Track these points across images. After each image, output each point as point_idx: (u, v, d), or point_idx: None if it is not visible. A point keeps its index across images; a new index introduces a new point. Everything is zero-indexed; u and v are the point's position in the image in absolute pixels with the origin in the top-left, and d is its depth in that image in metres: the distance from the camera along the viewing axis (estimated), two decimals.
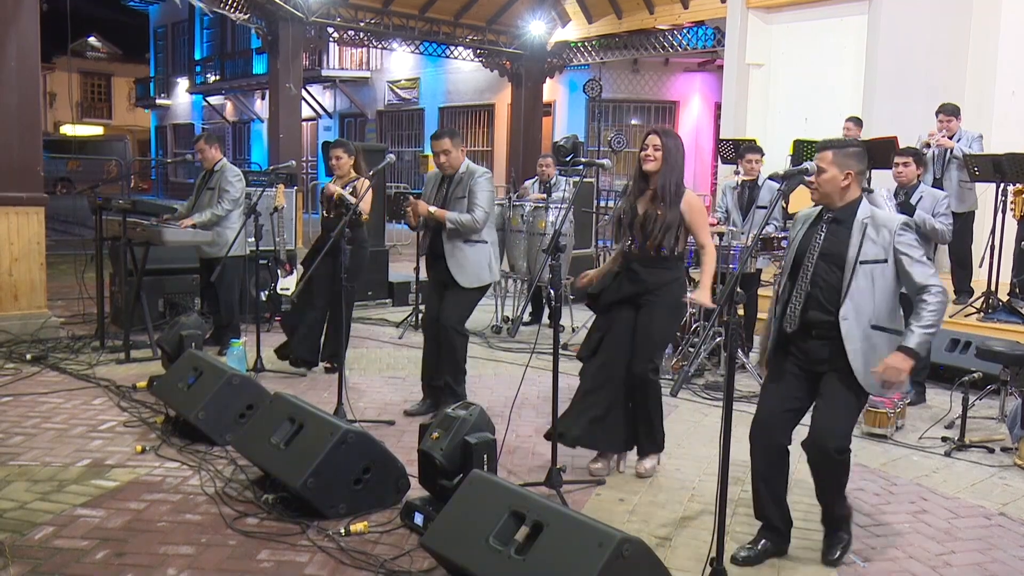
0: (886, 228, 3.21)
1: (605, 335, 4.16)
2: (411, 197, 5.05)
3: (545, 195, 7.89)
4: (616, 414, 4.13)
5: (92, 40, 38.03)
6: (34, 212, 6.75)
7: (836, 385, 3.25)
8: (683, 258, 4.15)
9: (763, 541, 3.39)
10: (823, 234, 3.30)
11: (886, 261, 3.20)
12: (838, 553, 3.37)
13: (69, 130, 32.88)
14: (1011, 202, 6.84)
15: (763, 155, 6.89)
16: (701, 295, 4.07)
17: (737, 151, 7.31)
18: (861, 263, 3.20)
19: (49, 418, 4.87)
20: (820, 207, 3.38)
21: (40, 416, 4.90)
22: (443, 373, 5.07)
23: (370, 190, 5.85)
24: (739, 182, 6.80)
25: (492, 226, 5.10)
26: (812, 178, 3.32)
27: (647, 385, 4.09)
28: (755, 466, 3.40)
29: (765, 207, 6.51)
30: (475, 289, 5.01)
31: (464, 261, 4.94)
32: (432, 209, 4.88)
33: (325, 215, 6.10)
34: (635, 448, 4.27)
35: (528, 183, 8.40)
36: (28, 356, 6.14)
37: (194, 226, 6.25)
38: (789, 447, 3.37)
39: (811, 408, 3.35)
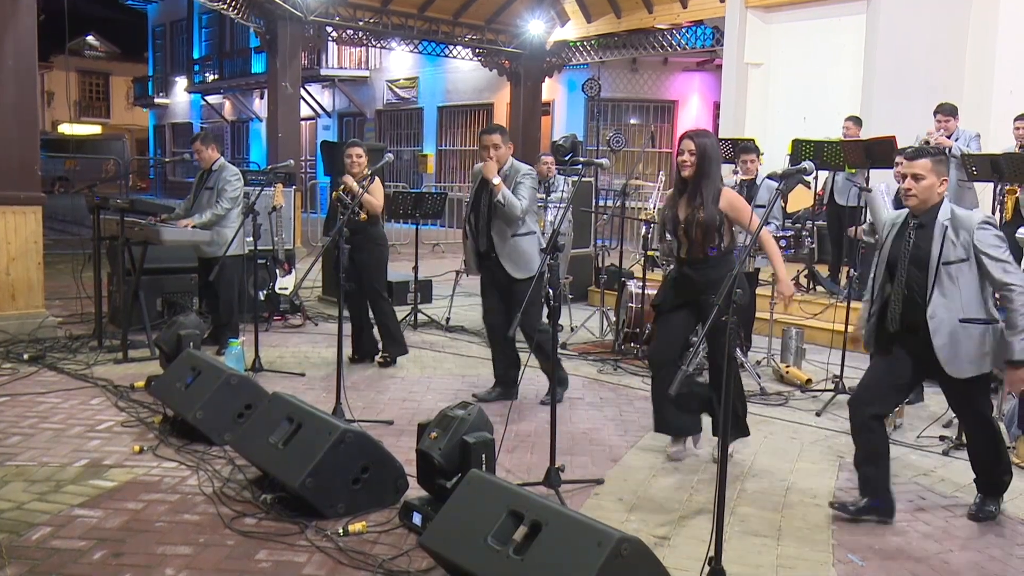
0: (965, 229, 3.44)
1: (664, 334, 4.38)
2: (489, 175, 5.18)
3: (544, 193, 7.88)
4: (675, 403, 4.31)
5: (90, 39, 38.02)
6: (31, 211, 6.74)
7: (949, 379, 3.58)
8: (732, 252, 4.28)
9: (865, 500, 3.68)
10: (912, 240, 3.55)
11: (967, 260, 3.41)
12: (983, 515, 3.74)
13: (67, 129, 32.86)
14: (1004, 202, 6.86)
15: (760, 154, 6.88)
16: (783, 287, 4.25)
17: (735, 151, 7.31)
18: (944, 264, 3.45)
19: (46, 418, 4.87)
20: (906, 211, 3.63)
21: (37, 416, 4.89)
22: (543, 368, 5.27)
23: (378, 184, 5.93)
24: (738, 182, 6.80)
25: (536, 219, 5.35)
26: (910, 184, 3.52)
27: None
28: (853, 435, 3.72)
29: (762, 206, 6.51)
30: (526, 281, 5.12)
31: (515, 254, 5.14)
32: (496, 180, 5.05)
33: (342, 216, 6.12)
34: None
35: None
36: (25, 356, 6.13)
37: (193, 226, 6.25)
38: (883, 419, 3.72)
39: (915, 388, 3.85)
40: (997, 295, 3.51)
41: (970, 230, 3.42)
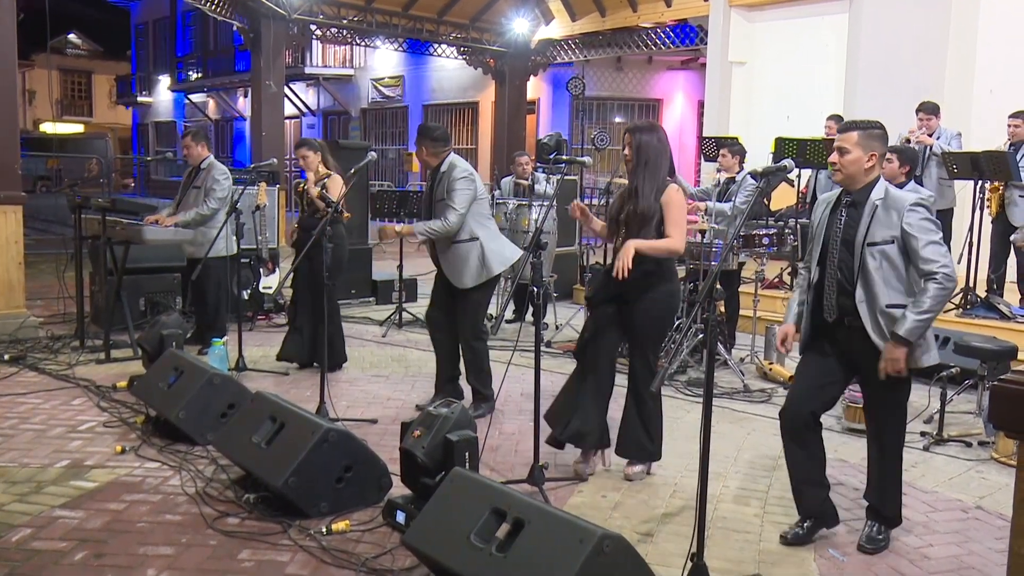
0: (896, 209, 3.19)
1: (594, 331, 4.16)
2: (381, 226, 5.03)
3: (528, 193, 7.87)
4: (599, 409, 4.13)
5: (72, 37, 37.70)
6: (11, 211, 6.68)
7: (874, 372, 3.27)
8: None
9: (807, 522, 3.47)
10: (843, 219, 3.29)
11: (893, 242, 3.18)
12: (871, 548, 3.41)
13: (49, 128, 32.58)
14: (987, 199, 6.93)
15: (736, 153, 6.87)
16: (625, 250, 3.87)
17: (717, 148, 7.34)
18: (868, 245, 3.20)
19: (27, 419, 4.83)
20: (840, 190, 3.38)
21: (18, 417, 4.86)
22: (469, 379, 5.09)
23: (342, 184, 5.77)
24: (719, 180, 6.85)
25: (485, 222, 5.02)
26: (835, 158, 3.27)
27: (640, 385, 4.07)
28: (785, 447, 3.46)
29: (729, 200, 6.56)
30: (478, 289, 4.98)
31: (456, 262, 4.92)
32: (398, 228, 4.89)
33: (303, 214, 6.04)
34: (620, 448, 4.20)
35: (505, 180, 8.37)
36: (6, 356, 6.08)
37: (177, 225, 6.21)
38: (819, 425, 3.44)
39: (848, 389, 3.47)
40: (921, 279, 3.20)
41: (901, 211, 3.17)
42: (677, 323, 6.33)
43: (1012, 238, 6.56)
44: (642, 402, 4.09)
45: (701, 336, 6.21)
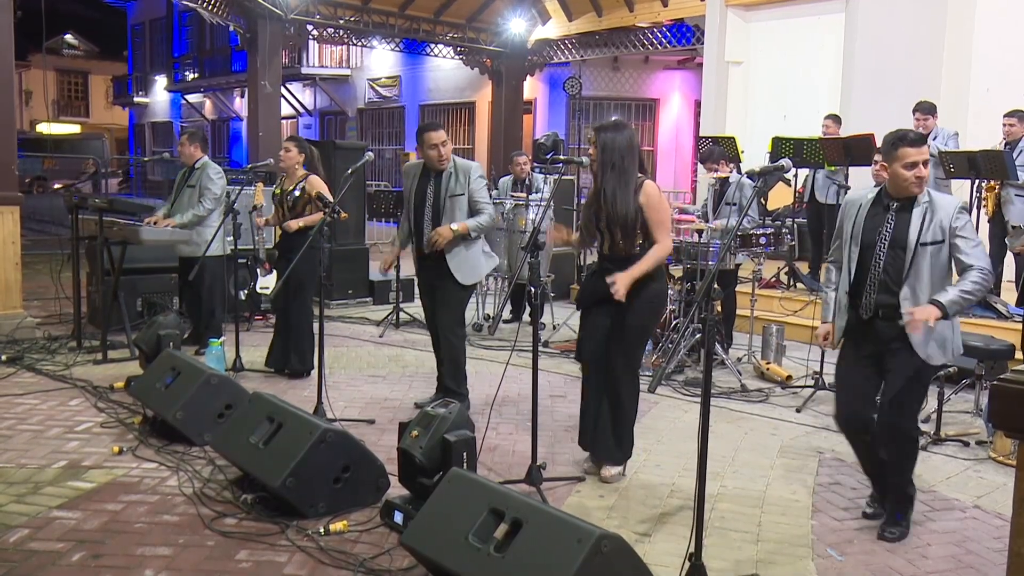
0: (943, 211, 3.41)
1: (584, 328, 4.17)
2: (434, 233, 4.88)
3: (525, 193, 7.87)
4: (604, 418, 4.11)
5: (68, 37, 37.60)
6: (8, 211, 6.67)
7: (902, 363, 3.45)
8: None
9: (886, 499, 3.68)
10: (892, 223, 3.47)
11: (943, 242, 3.41)
12: (896, 533, 3.56)
13: (45, 128, 32.48)
14: (983, 199, 6.94)
15: (720, 156, 6.87)
16: (619, 277, 3.84)
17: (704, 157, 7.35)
18: (921, 245, 3.41)
19: (24, 419, 4.82)
20: (876, 192, 3.57)
21: (15, 417, 4.85)
22: (445, 379, 5.09)
23: (318, 182, 5.77)
24: (716, 180, 6.86)
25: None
26: (921, 172, 3.41)
27: (620, 385, 4.04)
28: (851, 445, 3.73)
29: (732, 203, 6.57)
30: (466, 288, 5.04)
31: (468, 258, 4.97)
32: (455, 227, 4.85)
33: (280, 218, 5.98)
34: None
35: (503, 180, 8.37)
36: (3, 357, 6.06)
37: (175, 227, 6.20)
38: (873, 421, 3.58)
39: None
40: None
41: (949, 213, 3.39)
42: (675, 323, 6.35)
43: (1008, 242, 6.58)
44: (619, 404, 4.06)
45: (698, 336, 6.22)
